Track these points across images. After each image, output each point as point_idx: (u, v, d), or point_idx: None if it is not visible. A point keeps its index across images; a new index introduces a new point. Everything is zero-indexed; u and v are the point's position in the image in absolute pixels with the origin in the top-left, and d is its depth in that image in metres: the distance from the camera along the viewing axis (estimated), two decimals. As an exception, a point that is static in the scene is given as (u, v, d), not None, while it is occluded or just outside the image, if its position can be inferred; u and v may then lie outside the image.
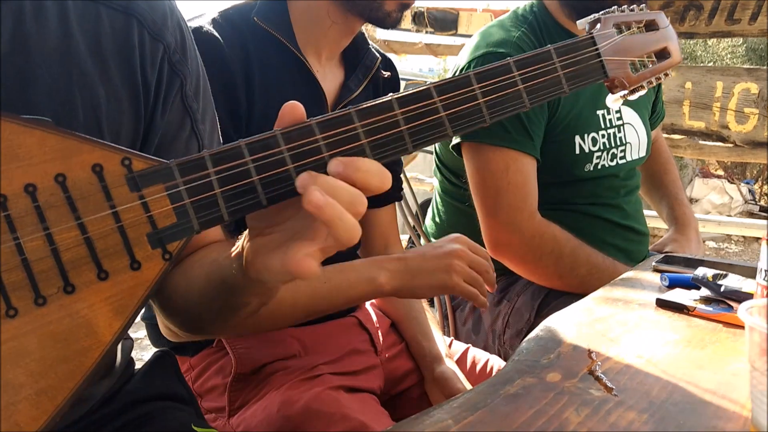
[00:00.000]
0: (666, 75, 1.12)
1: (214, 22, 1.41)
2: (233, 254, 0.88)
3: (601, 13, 1.04)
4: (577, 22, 1.07)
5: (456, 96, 0.86)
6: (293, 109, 0.79)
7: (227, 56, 1.37)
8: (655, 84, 1.10)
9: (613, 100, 1.08)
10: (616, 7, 1.07)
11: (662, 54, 1.11)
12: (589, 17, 1.05)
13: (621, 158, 2.04)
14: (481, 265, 1.43)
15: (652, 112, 2.31)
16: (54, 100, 0.87)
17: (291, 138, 0.77)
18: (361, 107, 0.81)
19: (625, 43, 1.04)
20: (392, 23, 1.46)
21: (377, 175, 0.77)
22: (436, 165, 2.23)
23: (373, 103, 0.82)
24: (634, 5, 1.09)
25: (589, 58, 0.99)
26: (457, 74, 1.93)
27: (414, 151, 0.84)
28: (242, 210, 0.76)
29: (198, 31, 1.35)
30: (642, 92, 1.08)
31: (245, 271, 0.84)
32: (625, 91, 1.05)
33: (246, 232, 0.86)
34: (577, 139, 1.94)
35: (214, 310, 1.00)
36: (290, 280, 0.79)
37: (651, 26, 1.11)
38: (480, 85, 0.87)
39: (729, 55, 10.64)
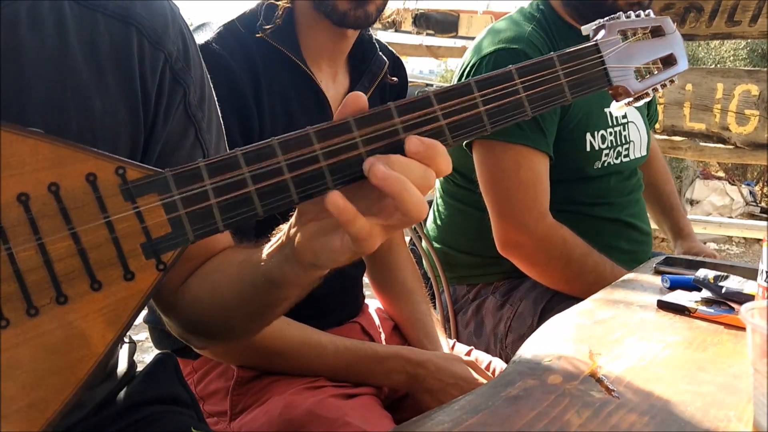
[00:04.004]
0: (672, 82, 1.10)
1: (219, 37, 1.39)
2: (275, 248, 0.89)
3: (605, 19, 1.03)
4: (582, 28, 1.06)
5: (456, 104, 0.84)
6: (356, 101, 0.81)
7: (236, 75, 1.37)
8: (660, 91, 1.09)
9: (617, 108, 1.07)
10: (621, 13, 1.05)
11: (668, 60, 1.10)
12: (593, 24, 1.04)
13: (625, 156, 2.04)
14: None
15: (647, 111, 2.32)
16: (47, 109, 0.87)
17: (288, 147, 0.76)
18: (359, 116, 0.80)
19: (629, 50, 1.03)
20: (356, 21, 1.43)
21: (446, 160, 0.81)
22: None
23: (372, 112, 0.81)
24: (640, 11, 1.08)
25: (593, 66, 0.97)
26: (467, 72, 1.94)
27: None
28: (238, 220, 0.76)
29: (205, 49, 1.33)
30: (647, 99, 1.07)
31: (298, 259, 0.85)
32: (630, 99, 1.04)
33: (292, 221, 0.87)
34: (588, 136, 1.94)
35: (250, 311, 1.00)
36: (348, 260, 0.83)
37: (657, 32, 1.10)
38: (481, 93, 0.86)
39: (731, 58, 10.64)
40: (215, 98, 1.12)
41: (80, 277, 0.70)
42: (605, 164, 1.99)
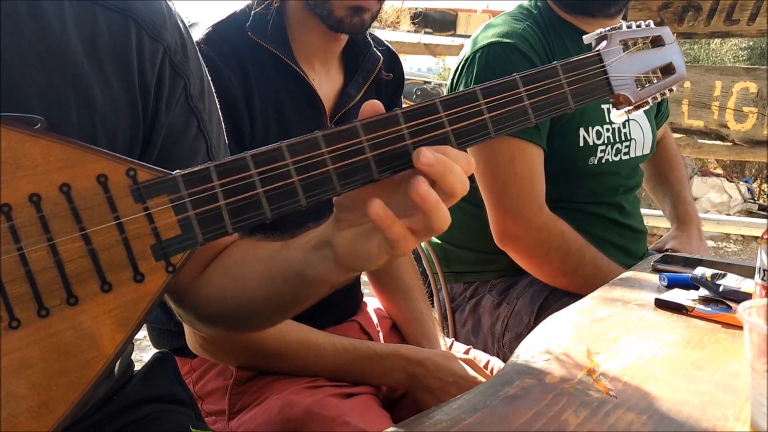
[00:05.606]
0: (671, 90, 1.12)
1: (208, 38, 1.39)
2: (310, 247, 0.92)
3: (607, 29, 1.05)
4: (584, 38, 1.08)
5: (461, 111, 0.86)
6: (372, 108, 0.83)
7: (226, 77, 1.36)
8: (660, 99, 1.10)
9: (617, 116, 1.09)
10: (623, 23, 1.07)
11: (667, 70, 1.12)
12: (595, 33, 1.05)
13: (625, 154, 2.04)
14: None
15: (658, 111, 2.32)
16: (48, 99, 0.87)
17: (296, 151, 0.77)
18: (367, 121, 0.81)
19: (630, 60, 1.04)
20: (352, 27, 1.42)
21: (467, 164, 0.83)
22: None
23: (379, 117, 0.81)
24: (641, 21, 1.10)
25: (595, 75, 0.99)
26: (462, 65, 1.95)
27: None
28: (247, 223, 0.76)
29: None
30: (646, 107, 1.08)
31: (339, 262, 0.88)
32: (630, 107, 1.06)
33: (327, 225, 0.90)
34: (582, 131, 1.95)
35: (278, 305, 1.02)
36: (385, 263, 0.85)
37: (656, 42, 1.11)
38: (486, 100, 0.87)
39: (732, 60, 10.64)
40: (213, 90, 1.13)
41: (91, 278, 0.71)
42: (602, 161, 1.99)
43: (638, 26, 1.09)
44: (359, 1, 1.39)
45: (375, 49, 1.61)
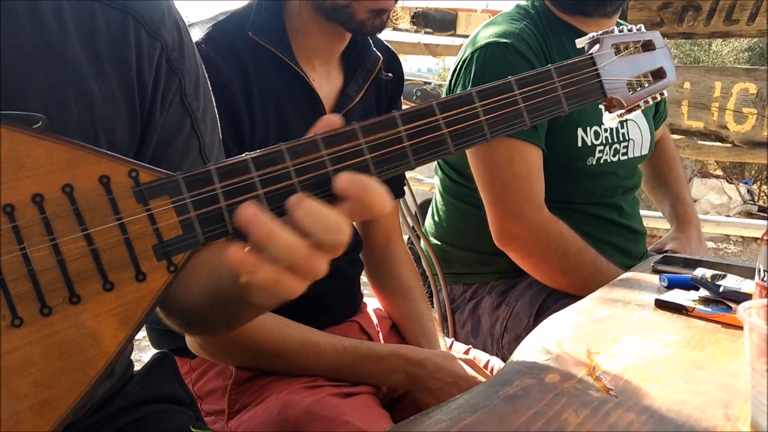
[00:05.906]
0: (662, 94, 1.13)
1: (208, 38, 1.39)
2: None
3: (600, 33, 1.06)
4: (577, 41, 1.09)
5: (458, 114, 0.87)
6: (328, 123, 0.81)
7: (226, 76, 1.36)
8: (651, 103, 1.11)
9: (609, 119, 1.10)
10: (615, 27, 1.09)
11: (658, 74, 1.13)
12: (588, 37, 1.07)
13: (623, 154, 2.05)
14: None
15: (656, 112, 2.32)
16: (47, 98, 0.87)
17: (296, 153, 0.78)
18: (365, 123, 0.81)
19: (622, 63, 1.06)
20: (373, 30, 1.43)
21: (381, 198, 0.76)
22: (437, 163, 2.22)
23: (378, 119, 0.82)
24: (632, 26, 1.11)
25: (589, 78, 1.01)
26: (460, 65, 1.95)
27: (416, 167, 0.85)
28: None
29: None
30: (637, 111, 1.09)
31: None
32: (622, 111, 1.07)
33: None
34: (580, 131, 1.95)
35: (215, 316, 1.01)
36: (277, 305, 0.81)
37: (648, 46, 1.13)
38: (482, 103, 0.88)
39: (733, 60, 10.65)
40: (210, 88, 1.13)
41: (93, 277, 0.71)
42: (600, 161, 1.99)
43: (629, 30, 1.10)
44: (381, 3, 1.39)
45: (374, 49, 1.61)
